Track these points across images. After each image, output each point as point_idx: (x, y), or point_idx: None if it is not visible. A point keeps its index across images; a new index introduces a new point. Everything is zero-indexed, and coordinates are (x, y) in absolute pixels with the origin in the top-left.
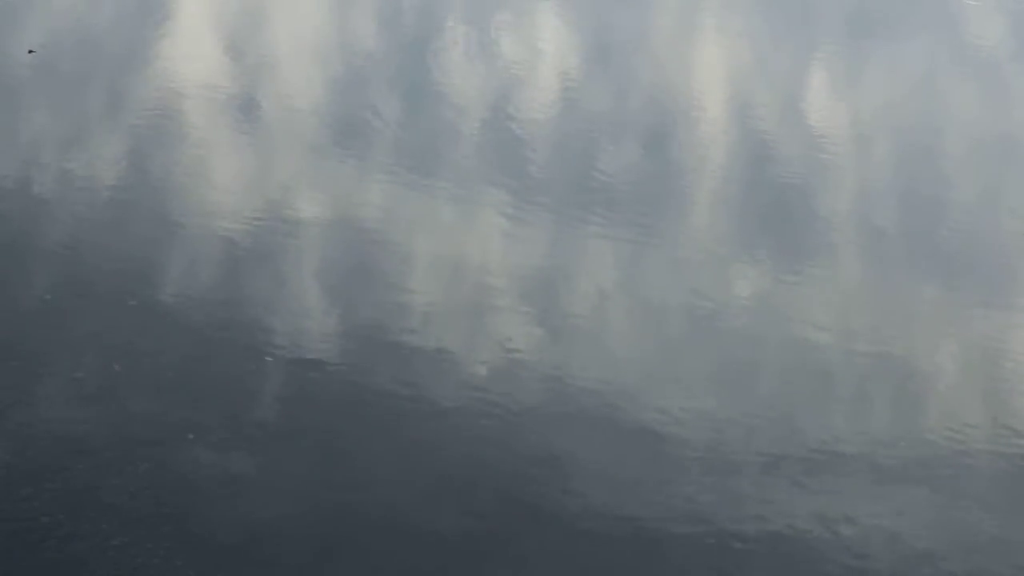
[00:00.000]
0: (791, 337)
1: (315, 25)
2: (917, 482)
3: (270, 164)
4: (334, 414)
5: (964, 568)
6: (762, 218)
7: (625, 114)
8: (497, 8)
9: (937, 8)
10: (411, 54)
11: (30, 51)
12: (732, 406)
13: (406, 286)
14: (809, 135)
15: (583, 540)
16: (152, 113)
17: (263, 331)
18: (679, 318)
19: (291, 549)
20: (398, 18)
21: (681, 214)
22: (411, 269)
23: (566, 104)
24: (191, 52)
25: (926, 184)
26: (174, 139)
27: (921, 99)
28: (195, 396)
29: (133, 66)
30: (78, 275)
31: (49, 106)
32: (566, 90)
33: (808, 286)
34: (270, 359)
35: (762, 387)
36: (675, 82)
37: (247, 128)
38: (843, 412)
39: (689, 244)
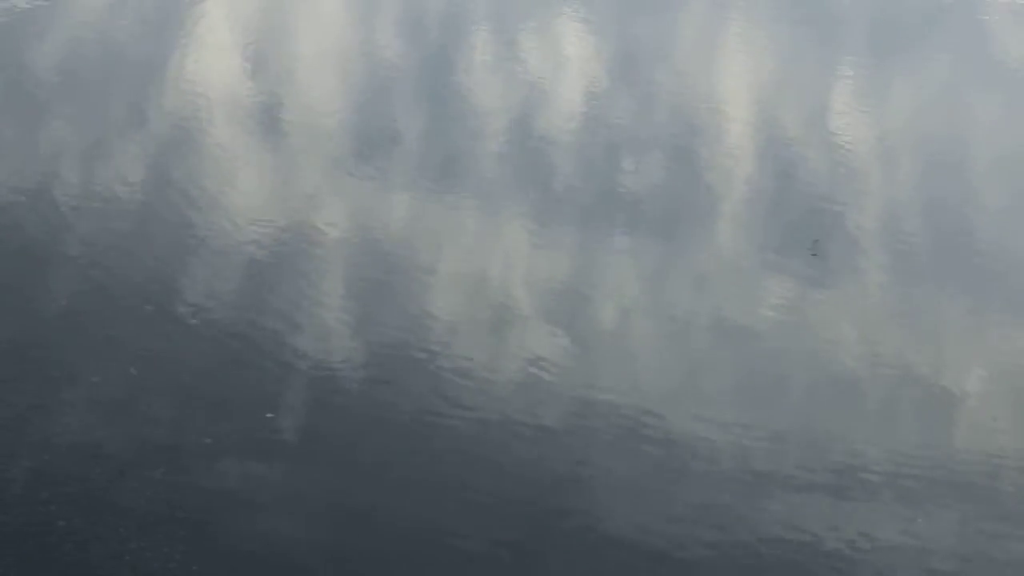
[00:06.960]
0: (819, 353)
1: (338, 36)
2: (946, 501)
3: (291, 175)
4: (355, 424)
5: None
6: (789, 232)
7: (649, 127)
8: (520, 19)
9: (963, 20)
10: (434, 65)
11: None
12: (759, 422)
13: (430, 298)
14: (836, 149)
15: (610, 556)
16: (171, 123)
17: (282, 339)
18: (705, 333)
19: (309, 559)
20: (421, 29)
21: (707, 228)
22: (435, 281)
23: (591, 116)
24: (211, 63)
25: (955, 199)
26: (194, 149)
27: (949, 113)
28: (213, 402)
29: (155, 76)
30: (96, 282)
31: (67, 115)
32: (590, 102)
33: (835, 301)
34: (289, 367)
35: (790, 403)
36: (700, 95)
37: (268, 139)
38: (871, 429)
39: (715, 258)
